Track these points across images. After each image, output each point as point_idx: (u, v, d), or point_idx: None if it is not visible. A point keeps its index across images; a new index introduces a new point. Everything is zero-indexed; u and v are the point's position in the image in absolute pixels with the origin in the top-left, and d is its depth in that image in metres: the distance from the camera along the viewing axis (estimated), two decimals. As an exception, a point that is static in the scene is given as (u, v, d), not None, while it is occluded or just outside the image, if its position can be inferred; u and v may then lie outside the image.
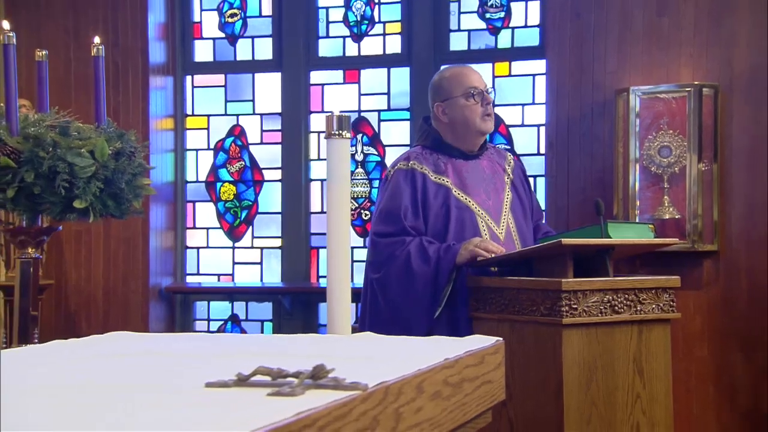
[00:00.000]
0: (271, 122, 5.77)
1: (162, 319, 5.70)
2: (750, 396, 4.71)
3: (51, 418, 0.94)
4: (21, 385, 1.16)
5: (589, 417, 2.72)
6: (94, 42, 3.29)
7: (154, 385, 1.13)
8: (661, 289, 2.90)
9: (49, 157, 2.89)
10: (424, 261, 3.04)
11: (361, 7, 5.64)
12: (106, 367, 1.31)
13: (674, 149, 4.69)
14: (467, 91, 3.28)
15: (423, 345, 1.46)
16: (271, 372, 1.05)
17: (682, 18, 4.82)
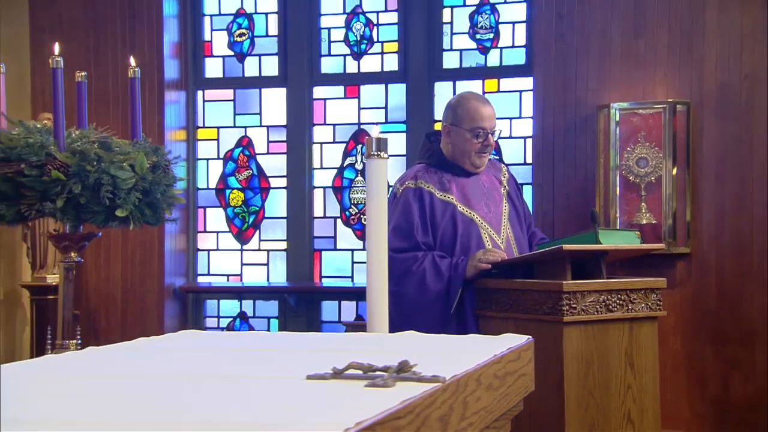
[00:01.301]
0: (277, 134, 5.80)
1: (175, 317, 5.73)
2: (719, 385, 4.80)
3: (185, 405, 1.05)
4: (142, 378, 1.26)
5: (586, 405, 2.83)
6: (131, 64, 3.37)
7: (260, 376, 1.24)
8: (649, 290, 3.02)
9: (95, 171, 2.98)
10: (438, 278, 3.11)
11: (361, 28, 5.70)
12: (206, 361, 1.41)
13: (651, 160, 4.80)
14: (474, 129, 3.30)
15: (468, 342, 1.58)
16: (362, 366, 1.16)
17: (656, 41, 4.92)
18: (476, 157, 3.35)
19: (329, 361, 1.23)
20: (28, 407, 1.08)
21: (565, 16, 5.09)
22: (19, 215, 2.98)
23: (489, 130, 3.34)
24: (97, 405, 1.09)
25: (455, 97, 3.61)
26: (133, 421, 0.99)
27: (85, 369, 1.36)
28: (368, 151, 2.02)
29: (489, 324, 2.98)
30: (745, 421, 4.76)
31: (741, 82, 4.80)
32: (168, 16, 5.68)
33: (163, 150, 3.30)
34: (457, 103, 3.45)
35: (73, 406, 1.08)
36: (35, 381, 1.26)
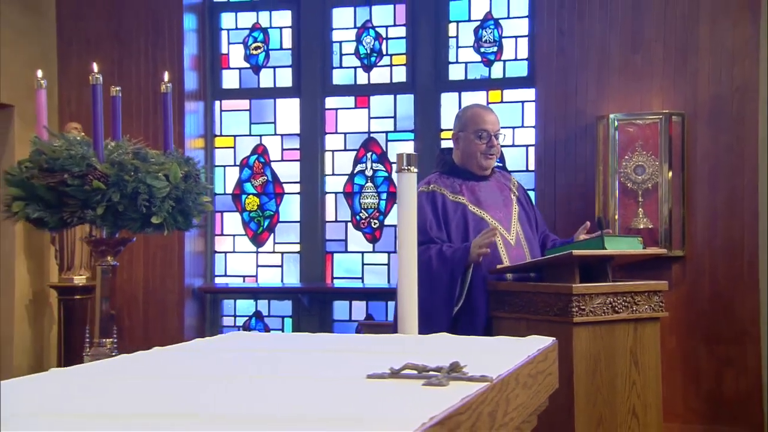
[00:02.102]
0: (291, 142, 5.85)
1: (194, 316, 5.79)
2: (712, 381, 4.86)
3: (263, 402, 1.13)
4: (209, 375, 1.34)
5: (594, 401, 2.91)
6: (164, 80, 3.44)
7: (322, 376, 1.32)
8: (652, 292, 3.10)
9: (132, 180, 3.05)
10: (442, 262, 3.19)
11: (371, 42, 5.76)
12: (265, 361, 1.48)
13: (647, 168, 4.86)
14: (477, 131, 3.46)
15: (499, 344, 1.66)
16: (417, 367, 1.25)
17: (653, 55, 4.99)
18: (482, 159, 3.48)
19: (379, 362, 1.31)
20: (115, 402, 1.15)
21: (566, 32, 5.15)
22: (62, 222, 3.05)
23: (492, 133, 3.48)
24: (175, 400, 1.16)
25: (462, 109, 3.75)
26: (219, 413, 1.06)
27: (161, 369, 1.44)
28: (399, 165, 2.10)
29: (502, 324, 3.06)
30: (737, 415, 4.81)
31: (732, 94, 4.86)
32: (188, 30, 5.75)
33: (194, 160, 3.37)
34: (463, 111, 3.65)
35: (155, 402, 1.16)
36: (117, 378, 1.34)
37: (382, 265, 5.74)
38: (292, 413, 1.04)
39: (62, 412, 1.11)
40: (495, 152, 3.48)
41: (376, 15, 5.76)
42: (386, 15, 5.75)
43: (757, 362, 4.78)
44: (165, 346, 5.74)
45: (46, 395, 1.22)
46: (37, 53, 5.57)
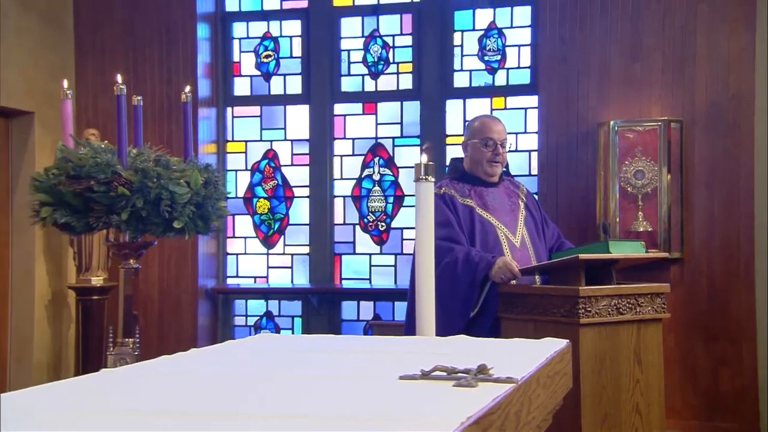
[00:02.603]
0: (300, 147, 5.88)
1: (207, 315, 5.83)
2: (709, 379, 4.90)
3: (289, 401, 1.17)
4: (248, 376, 1.39)
5: (600, 399, 2.96)
6: (185, 90, 3.48)
7: (356, 376, 1.37)
8: (655, 294, 3.15)
9: (155, 187, 3.10)
10: (467, 265, 3.25)
11: (378, 50, 5.80)
12: (297, 362, 1.54)
13: (647, 173, 4.90)
14: (484, 139, 3.55)
15: (518, 346, 1.71)
16: (447, 369, 1.30)
17: (652, 64, 5.03)
18: (488, 166, 3.56)
19: (407, 363, 1.36)
20: (166, 401, 1.20)
21: (568, 41, 5.20)
22: (88, 226, 3.10)
23: (498, 141, 3.56)
24: (219, 400, 1.21)
25: (472, 118, 3.84)
26: (262, 413, 1.11)
27: (202, 369, 1.49)
28: (417, 175, 2.15)
29: (510, 325, 3.11)
30: (733, 411, 4.86)
31: (729, 101, 4.90)
32: (201, 39, 5.79)
33: (213, 167, 3.43)
34: (472, 121, 3.74)
35: (198, 401, 1.21)
36: (165, 378, 1.39)
37: (389, 267, 5.78)
38: (335, 413, 1.09)
39: (117, 410, 1.16)
40: (500, 160, 3.55)
41: (384, 24, 5.80)
42: (393, 24, 5.79)
43: (752, 360, 4.83)
44: (180, 344, 5.81)
45: (98, 394, 1.27)
46: (56, 63, 5.62)
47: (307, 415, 1.07)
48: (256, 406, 1.17)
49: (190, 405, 1.19)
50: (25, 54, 5.34)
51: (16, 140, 5.42)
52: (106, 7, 5.79)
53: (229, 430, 1.04)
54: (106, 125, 5.61)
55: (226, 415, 1.11)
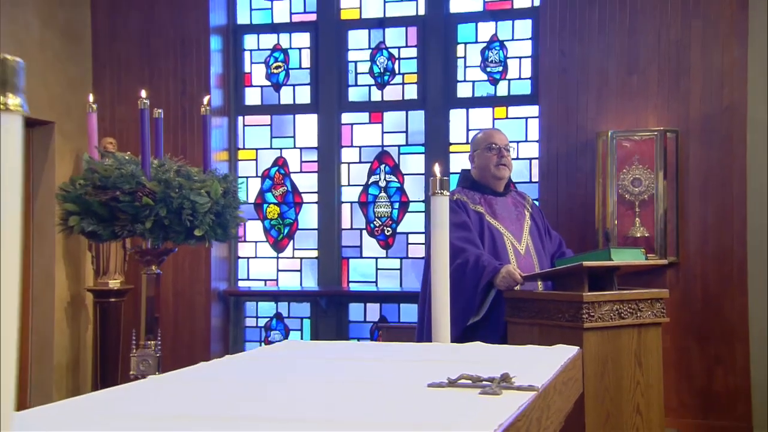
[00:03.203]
0: (309, 155, 5.93)
1: (219, 317, 5.87)
2: (703, 378, 4.95)
3: (320, 407, 1.22)
4: (279, 381, 1.45)
5: (602, 399, 3.02)
6: (204, 103, 3.54)
7: (384, 383, 1.43)
8: (654, 299, 3.20)
9: (178, 197, 3.16)
10: (475, 268, 3.31)
11: (384, 61, 5.85)
12: (326, 368, 1.59)
13: (644, 180, 4.95)
14: (488, 145, 3.66)
15: (532, 353, 1.77)
16: (472, 377, 1.36)
17: (648, 76, 5.08)
18: (496, 170, 3.65)
19: (432, 370, 1.42)
20: (206, 406, 1.26)
21: (567, 54, 5.25)
22: (113, 234, 3.16)
23: (501, 146, 3.65)
24: (252, 404, 1.27)
25: (476, 133, 3.94)
26: (299, 418, 1.16)
27: (234, 375, 1.54)
28: (433, 189, 2.20)
29: (517, 329, 3.16)
30: (727, 409, 4.91)
31: (722, 112, 4.95)
32: (213, 51, 5.84)
33: (231, 177, 3.49)
34: (476, 135, 3.85)
35: (236, 406, 1.26)
36: (203, 384, 1.45)
37: (395, 270, 5.83)
38: (369, 419, 1.14)
39: (165, 415, 1.22)
40: (506, 162, 3.62)
41: (389, 37, 5.85)
42: (399, 37, 5.84)
43: (745, 360, 4.88)
44: (193, 344, 5.82)
45: (146, 400, 1.32)
46: (75, 74, 5.67)
47: (341, 421, 1.12)
48: (289, 411, 1.21)
49: (220, 409, 1.24)
50: (46, 67, 5.40)
51: (37, 149, 5.47)
52: (122, 21, 5.84)
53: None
54: (123, 133, 5.67)
55: (259, 418, 1.16)
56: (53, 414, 1.18)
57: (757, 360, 4.84)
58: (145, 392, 1.37)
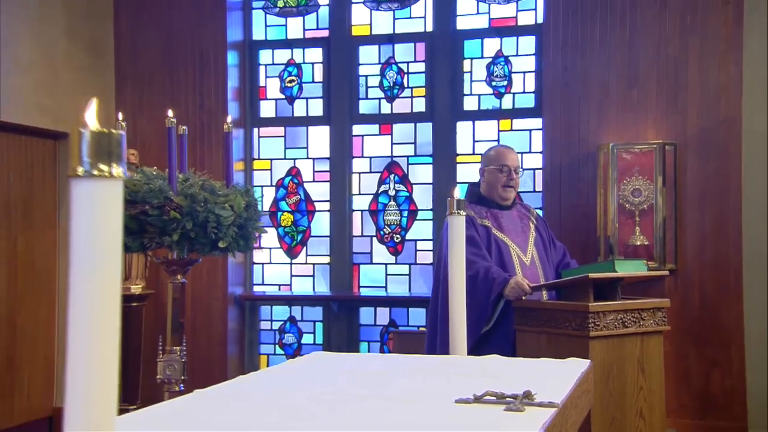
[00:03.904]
0: (321, 165, 5.97)
1: (236, 320, 5.92)
2: (701, 381, 4.99)
3: (352, 422, 1.27)
4: (314, 397, 1.50)
5: (607, 404, 3.07)
6: (227, 121, 3.59)
7: (412, 398, 1.48)
8: (656, 309, 3.25)
9: (203, 211, 3.22)
10: (485, 279, 3.35)
11: (394, 76, 5.89)
12: (355, 382, 1.64)
13: (644, 191, 4.99)
14: (500, 166, 3.68)
15: (547, 367, 1.82)
16: (496, 394, 1.41)
17: (648, 91, 5.12)
18: (503, 190, 3.67)
19: (455, 385, 1.47)
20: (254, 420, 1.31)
21: (570, 68, 5.29)
22: (142, 246, 3.22)
23: (512, 167, 3.68)
24: (284, 421, 1.32)
25: (489, 148, 3.98)
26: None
27: (265, 390, 1.60)
28: (450, 209, 2.25)
29: (526, 336, 3.21)
30: (724, 410, 4.95)
31: (718, 125, 4.99)
32: (230, 65, 5.90)
33: (252, 191, 3.54)
34: (488, 151, 3.88)
35: (271, 422, 1.31)
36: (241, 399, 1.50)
37: (404, 276, 5.88)
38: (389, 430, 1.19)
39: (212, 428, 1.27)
40: (514, 185, 3.66)
41: (399, 52, 5.90)
42: (407, 52, 5.89)
43: (740, 363, 4.91)
44: (211, 347, 5.85)
45: (197, 414, 1.38)
46: (99, 88, 5.74)
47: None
48: (321, 426, 1.26)
49: (256, 423, 1.29)
50: (71, 81, 5.47)
51: (63, 159, 5.53)
52: (144, 37, 5.91)
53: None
54: (145, 144, 5.73)
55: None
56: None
57: (752, 363, 4.87)
58: (200, 407, 1.43)
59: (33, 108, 5.11)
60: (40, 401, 5.35)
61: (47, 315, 5.44)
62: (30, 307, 5.27)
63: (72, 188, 0.80)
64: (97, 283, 0.76)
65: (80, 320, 0.76)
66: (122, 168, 0.79)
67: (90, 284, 0.76)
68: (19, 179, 5.22)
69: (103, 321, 0.78)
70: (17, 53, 5.00)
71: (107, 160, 0.77)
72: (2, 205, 5.07)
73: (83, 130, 0.78)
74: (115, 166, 0.77)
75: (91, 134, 0.77)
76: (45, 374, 5.40)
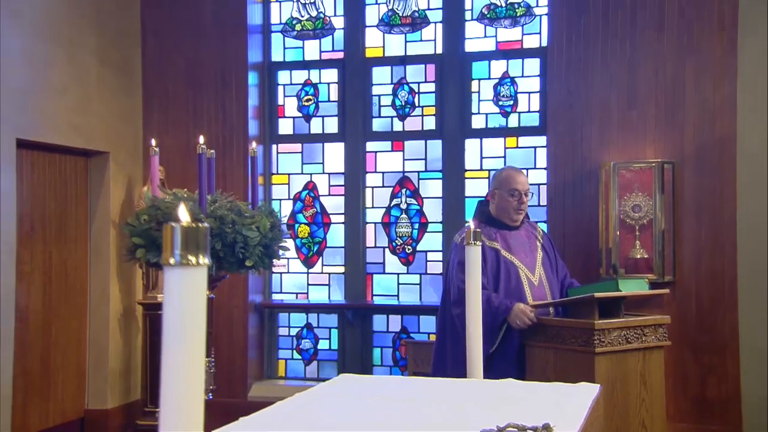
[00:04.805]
0: (337, 179, 6.02)
1: (255, 327, 5.98)
2: (698, 386, 5.04)
3: None
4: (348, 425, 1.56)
5: (612, 415, 3.12)
6: (251, 147, 3.65)
7: (440, 427, 1.54)
8: (657, 325, 3.31)
9: (231, 232, 3.28)
10: (487, 308, 3.29)
11: (405, 95, 5.95)
12: (383, 409, 1.70)
13: (643, 207, 5.03)
14: (511, 190, 3.69)
15: (559, 392, 1.88)
16: (518, 426, 1.48)
17: (647, 112, 5.17)
18: (513, 213, 3.68)
19: (479, 414, 1.53)
20: None
21: (573, 90, 5.34)
22: (174, 266, 3.27)
23: (522, 192, 3.68)
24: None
25: (499, 170, 3.96)
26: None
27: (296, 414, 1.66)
28: (467, 240, 2.30)
29: (534, 351, 3.27)
30: (719, 415, 4.99)
31: (714, 144, 5.03)
32: (251, 85, 5.96)
33: (277, 213, 3.60)
34: (499, 173, 3.86)
35: None
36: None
37: (415, 285, 5.94)
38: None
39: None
40: (524, 208, 3.68)
41: (410, 73, 5.95)
42: (418, 73, 5.94)
43: (736, 370, 4.95)
44: (232, 352, 5.89)
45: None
46: (127, 107, 5.82)
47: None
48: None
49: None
50: (102, 102, 5.55)
51: (94, 177, 5.61)
52: (170, 59, 5.98)
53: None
54: (170, 161, 5.79)
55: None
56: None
57: (746, 370, 4.91)
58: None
59: (67, 129, 5.19)
60: (72, 404, 5.44)
61: (79, 324, 5.52)
62: (63, 317, 5.36)
63: (165, 274, 0.87)
64: (186, 349, 0.83)
65: (172, 379, 0.84)
66: (207, 258, 0.86)
67: (180, 350, 0.83)
68: (54, 195, 5.30)
69: (192, 378, 0.85)
70: (53, 78, 5.08)
71: (195, 252, 0.84)
72: (38, 220, 5.16)
73: (175, 225, 0.84)
74: (201, 256, 0.84)
75: (182, 229, 0.84)
76: (77, 379, 5.48)
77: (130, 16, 5.86)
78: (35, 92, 4.91)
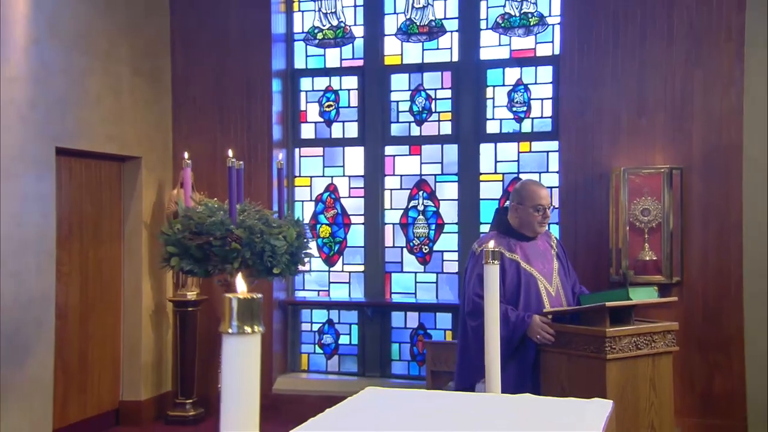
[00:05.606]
0: (356, 182, 6.05)
1: (280, 322, 6.04)
2: (704, 384, 5.04)
3: None
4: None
5: (622, 418, 3.14)
6: (278, 159, 3.70)
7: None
8: (666, 332, 3.32)
9: (260, 242, 3.34)
10: (504, 323, 3.26)
11: (422, 101, 5.96)
12: (412, 423, 1.74)
13: (652, 211, 5.03)
14: (535, 206, 3.63)
15: (574, 408, 1.92)
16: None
17: (655, 119, 5.16)
18: (538, 226, 3.65)
19: (500, 428, 1.57)
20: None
21: (584, 98, 5.34)
22: (206, 272, 3.34)
23: (545, 206, 3.65)
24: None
25: (520, 182, 3.89)
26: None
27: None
28: (486, 259, 2.32)
29: (549, 356, 3.29)
30: (725, 410, 5.00)
31: (721, 151, 5.01)
32: (274, 92, 6.00)
33: (302, 222, 3.65)
34: (521, 187, 3.76)
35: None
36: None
37: (432, 284, 5.98)
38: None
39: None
40: (547, 221, 3.66)
41: (427, 80, 5.96)
42: (435, 80, 5.96)
43: (741, 366, 4.96)
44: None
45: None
46: (158, 114, 5.88)
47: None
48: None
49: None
50: (135, 109, 5.61)
51: (127, 180, 5.69)
52: (197, 67, 6.03)
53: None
54: (198, 166, 5.84)
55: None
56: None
57: (751, 366, 4.92)
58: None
59: (101, 136, 5.26)
60: (108, 396, 5.54)
61: (114, 320, 5.61)
62: (99, 313, 5.45)
63: (223, 342, 0.91)
64: (243, 407, 0.88)
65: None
66: (261, 326, 0.90)
67: (238, 409, 0.88)
68: (90, 199, 5.38)
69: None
70: (89, 88, 5.15)
71: (251, 322, 0.88)
72: (76, 222, 5.24)
73: (232, 297, 0.89)
74: (256, 326, 0.89)
75: (239, 301, 0.88)
76: (112, 372, 5.58)
77: (160, 27, 5.91)
78: (72, 102, 4.97)
